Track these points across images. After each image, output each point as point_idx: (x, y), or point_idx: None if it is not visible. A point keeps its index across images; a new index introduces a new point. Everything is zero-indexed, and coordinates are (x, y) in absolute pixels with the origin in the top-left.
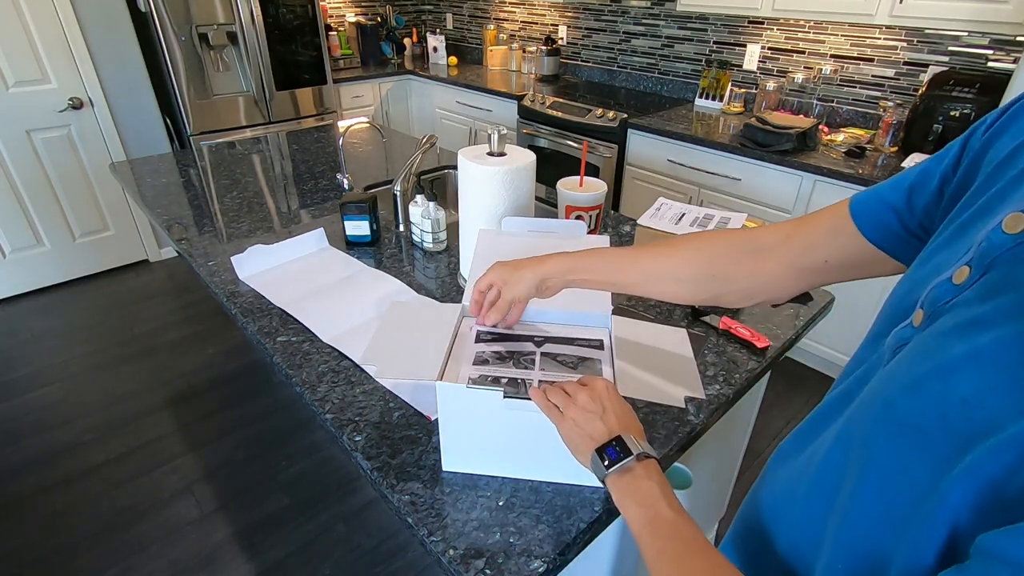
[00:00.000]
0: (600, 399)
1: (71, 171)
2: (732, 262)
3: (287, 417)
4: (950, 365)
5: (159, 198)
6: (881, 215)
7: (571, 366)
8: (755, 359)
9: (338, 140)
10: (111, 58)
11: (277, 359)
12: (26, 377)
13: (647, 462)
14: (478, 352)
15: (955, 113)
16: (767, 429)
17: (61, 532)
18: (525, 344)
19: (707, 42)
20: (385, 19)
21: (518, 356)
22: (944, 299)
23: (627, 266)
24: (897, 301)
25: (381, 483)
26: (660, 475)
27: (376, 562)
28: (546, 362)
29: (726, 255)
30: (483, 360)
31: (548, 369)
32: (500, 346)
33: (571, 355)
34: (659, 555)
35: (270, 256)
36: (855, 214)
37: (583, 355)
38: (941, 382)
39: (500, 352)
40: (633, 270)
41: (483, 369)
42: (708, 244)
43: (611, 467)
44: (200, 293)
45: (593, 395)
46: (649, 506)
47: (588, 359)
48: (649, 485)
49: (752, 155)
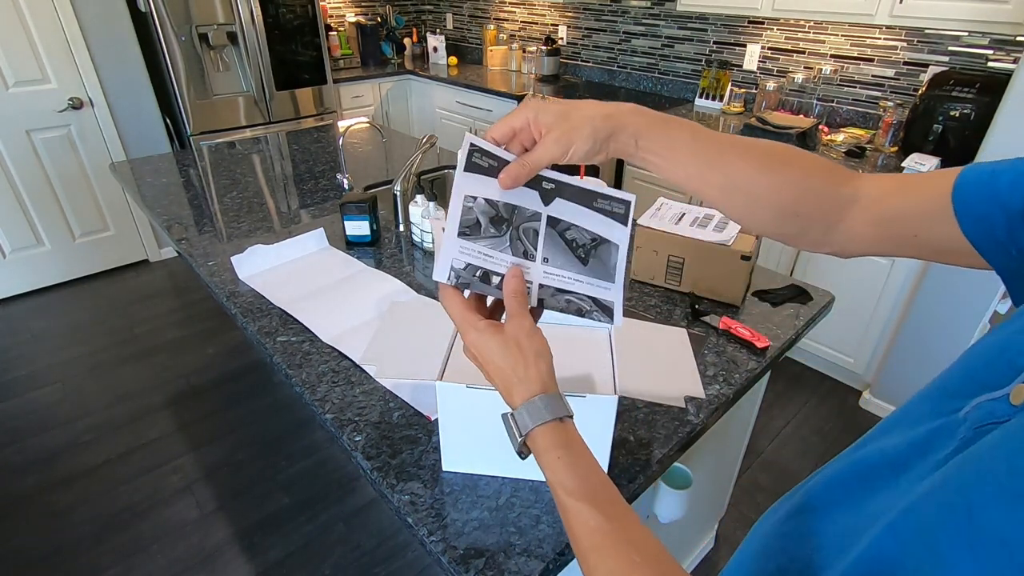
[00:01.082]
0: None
1: (71, 171)
2: (820, 205)
3: (287, 417)
4: None
5: (159, 198)
6: (988, 210)
7: (581, 256)
8: (755, 359)
9: (338, 140)
10: (111, 58)
11: (277, 359)
12: (26, 377)
13: (546, 427)
14: (466, 206)
15: (955, 113)
16: (767, 429)
17: (61, 532)
18: (530, 195)
19: (707, 42)
20: (385, 19)
21: (518, 222)
22: None
23: (713, 159)
24: (986, 358)
25: (381, 483)
26: (556, 440)
27: (376, 562)
28: (551, 243)
29: (817, 195)
30: (472, 225)
31: (552, 259)
32: (495, 191)
33: (586, 232)
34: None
35: (270, 256)
36: (957, 198)
37: (598, 233)
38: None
39: (495, 210)
40: (717, 166)
41: (469, 251)
42: (803, 174)
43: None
44: (200, 293)
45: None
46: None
47: (603, 242)
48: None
49: None
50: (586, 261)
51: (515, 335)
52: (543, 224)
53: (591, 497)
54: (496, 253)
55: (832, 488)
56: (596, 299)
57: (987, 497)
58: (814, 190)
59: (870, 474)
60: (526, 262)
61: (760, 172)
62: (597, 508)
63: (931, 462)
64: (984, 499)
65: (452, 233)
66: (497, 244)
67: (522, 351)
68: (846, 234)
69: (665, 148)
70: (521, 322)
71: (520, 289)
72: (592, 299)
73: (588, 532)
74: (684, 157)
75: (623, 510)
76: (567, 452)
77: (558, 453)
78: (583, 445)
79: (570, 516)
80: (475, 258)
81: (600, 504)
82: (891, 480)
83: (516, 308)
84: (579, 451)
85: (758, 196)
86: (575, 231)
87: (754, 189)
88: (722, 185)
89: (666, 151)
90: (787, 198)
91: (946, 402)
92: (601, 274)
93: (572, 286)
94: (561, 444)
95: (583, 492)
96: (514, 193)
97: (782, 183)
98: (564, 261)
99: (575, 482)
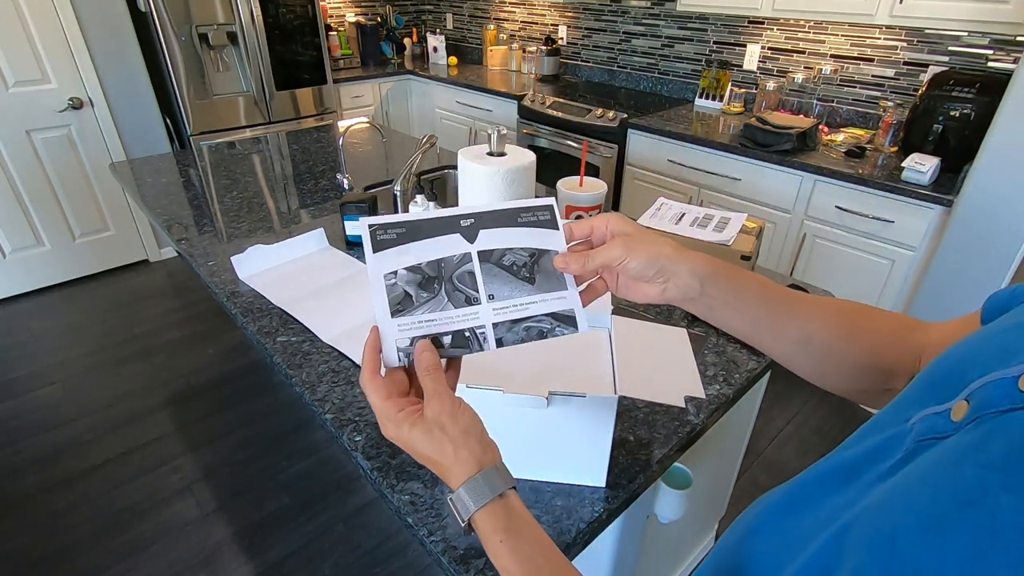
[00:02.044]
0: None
1: (71, 171)
2: (898, 355)
3: (287, 417)
4: (989, 515)
5: (159, 198)
6: (1007, 304)
7: (526, 276)
8: (755, 359)
9: (338, 140)
10: (111, 58)
11: (277, 359)
12: (26, 377)
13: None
14: (388, 284)
15: (955, 113)
16: (767, 429)
17: (61, 532)
18: (451, 241)
19: (707, 42)
20: (385, 19)
21: (448, 273)
22: (1000, 405)
23: (786, 310)
24: (948, 365)
25: (381, 483)
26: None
27: (376, 562)
28: (490, 277)
29: (893, 344)
30: (401, 299)
31: (497, 293)
32: (412, 256)
33: (521, 252)
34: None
35: (270, 256)
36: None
37: (534, 247)
38: (968, 538)
39: (420, 274)
40: (790, 318)
41: (408, 326)
42: (875, 324)
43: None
44: (200, 293)
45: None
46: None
47: (543, 252)
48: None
49: (752, 155)
50: (532, 279)
51: (437, 419)
52: (476, 262)
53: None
54: (437, 315)
55: (804, 485)
56: (554, 313)
57: (909, 525)
58: (888, 338)
59: (824, 481)
60: (471, 308)
61: (834, 325)
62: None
63: (878, 471)
64: (907, 526)
65: (385, 317)
66: (435, 305)
67: (447, 434)
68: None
69: (733, 296)
70: (440, 403)
71: (432, 363)
72: (551, 315)
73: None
74: (754, 307)
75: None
76: (508, 536)
77: (500, 537)
78: (527, 521)
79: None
80: (417, 329)
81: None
82: (843, 486)
83: (431, 386)
84: (521, 530)
85: (834, 349)
86: (510, 255)
87: (829, 341)
88: (798, 338)
89: (734, 299)
90: (864, 350)
91: (904, 410)
92: (552, 285)
93: (527, 311)
94: (502, 528)
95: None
96: (435, 247)
97: (855, 333)
98: (510, 290)
99: (518, 567)
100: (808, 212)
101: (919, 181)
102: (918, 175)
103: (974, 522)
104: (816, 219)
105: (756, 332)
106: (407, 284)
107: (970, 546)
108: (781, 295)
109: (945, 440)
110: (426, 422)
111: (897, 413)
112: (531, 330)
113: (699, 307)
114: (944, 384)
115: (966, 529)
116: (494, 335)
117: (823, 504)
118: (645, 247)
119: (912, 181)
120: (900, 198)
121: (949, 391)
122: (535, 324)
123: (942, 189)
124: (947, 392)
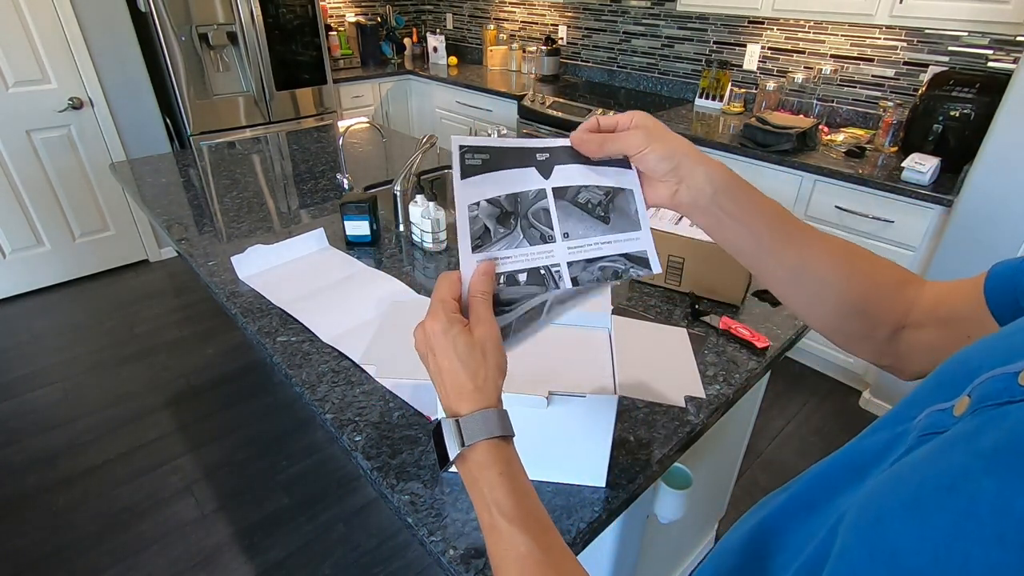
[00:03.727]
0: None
1: (71, 171)
2: (888, 305)
3: (287, 417)
4: (969, 498)
5: (159, 198)
6: (1011, 303)
7: (601, 216)
8: (755, 359)
9: (338, 140)
10: (111, 58)
11: (277, 359)
12: (26, 377)
13: (484, 445)
14: (471, 216)
15: (955, 113)
16: (767, 429)
17: (61, 532)
18: (528, 175)
19: (707, 42)
20: (385, 19)
21: (524, 209)
22: (998, 398)
23: (792, 235)
24: (953, 367)
25: (381, 483)
26: (498, 457)
27: (376, 562)
28: (565, 215)
29: (885, 293)
30: (482, 234)
31: (572, 231)
32: (494, 187)
33: (596, 189)
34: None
35: (270, 256)
36: (989, 295)
37: (609, 185)
38: (948, 518)
39: (499, 207)
40: (794, 244)
41: (485, 254)
42: (872, 268)
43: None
44: (200, 293)
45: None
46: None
47: (618, 191)
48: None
49: (752, 155)
50: (607, 219)
51: (483, 342)
52: (551, 199)
53: (525, 522)
54: (512, 251)
55: (811, 486)
56: (628, 254)
57: (894, 506)
58: (882, 287)
59: (834, 477)
60: (546, 247)
61: (834, 260)
62: (529, 534)
63: (883, 468)
64: (892, 508)
65: (467, 251)
66: (511, 241)
67: (486, 360)
68: (908, 341)
69: (743, 211)
70: (490, 329)
71: (486, 288)
72: (624, 256)
73: (516, 558)
74: (761, 225)
75: (556, 540)
76: (509, 469)
77: (500, 469)
78: (523, 467)
79: (500, 539)
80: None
81: (534, 531)
82: (850, 485)
83: (483, 312)
84: (520, 472)
85: (829, 283)
86: (586, 192)
87: (826, 275)
88: (794, 265)
89: (744, 214)
90: (856, 292)
91: (913, 407)
92: (626, 226)
93: (601, 251)
94: (504, 460)
95: (517, 515)
96: (512, 179)
97: (852, 274)
98: (585, 228)
99: (511, 503)
100: (808, 212)
101: (919, 181)
102: (918, 175)
103: (954, 504)
104: (816, 219)
105: (757, 252)
106: (487, 218)
107: (948, 526)
108: (789, 220)
109: (943, 434)
110: (472, 338)
111: (906, 411)
112: (606, 270)
113: (706, 218)
114: (951, 382)
115: (946, 510)
116: (569, 274)
117: (833, 504)
118: (664, 141)
119: (912, 181)
120: (900, 198)
121: (955, 388)
122: (610, 264)
123: (942, 189)
124: (953, 390)
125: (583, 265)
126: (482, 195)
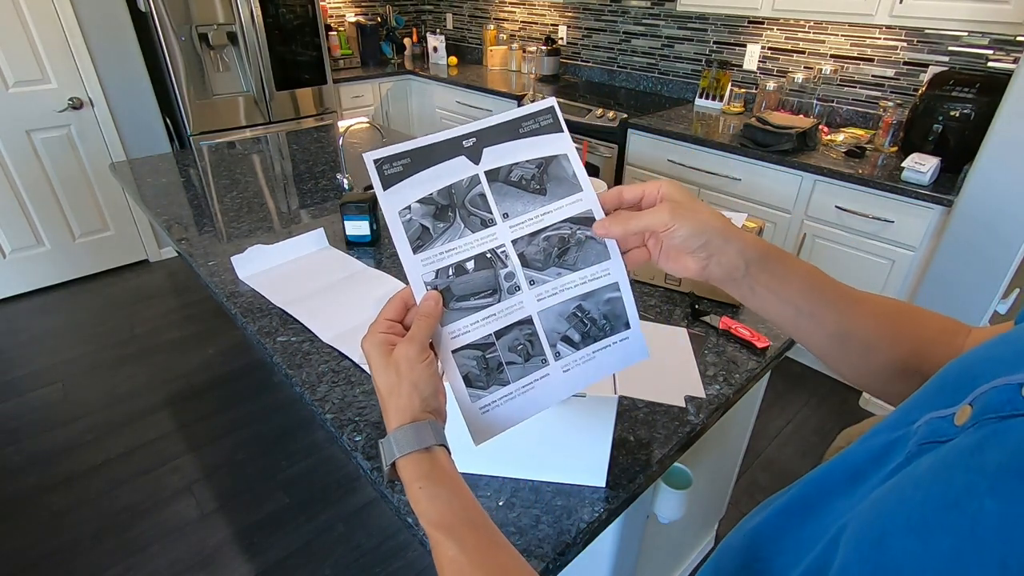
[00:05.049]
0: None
1: (71, 171)
2: (941, 362)
3: (287, 417)
4: (972, 519)
5: (159, 198)
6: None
7: (537, 188)
8: (755, 359)
9: (338, 140)
10: (111, 58)
11: (277, 359)
12: (26, 377)
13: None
14: (403, 221)
15: (955, 113)
16: (767, 429)
17: (61, 532)
18: (456, 165)
19: (707, 42)
20: (385, 19)
21: (460, 198)
22: (1001, 411)
23: (830, 301)
24: (955, 372)
25: (381, 483)
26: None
27: (376, 562)
28: (501, 196)
29: (937, 351)
30: (420, 234)
31: (511, 210)
32: (422, 187)
33: (528, 164)
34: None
35: (270, 256)
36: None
37: (540, 156)
38: (950, 539)
39: (433, 203)
40: (833, 309)
41: (430, 260)
42: (919, 326)
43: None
44: (200, 293)
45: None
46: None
47: (551, 159)
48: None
49: (752, 155)
50: (543, 190)
51: (398, 360)
52: (484, 183)
53: (448, 527)
54: (456, 243)
55: (809, 490)
56: (572, 218)
57: (898, 525)
58: (930, 343)
59: (834, 481)
60: (488, 231)
61: (877, 324)
62: (453, 538)
63: (881, 475)
64: (895, 526)
65: (407, 255)
66: (452, 234)
67: (400, 378)
68: None
69: (778, 281)
70: (410, 348)
71: (429, 311)
72: (568, 220)
73: (447, 562)
74: (797, 293)
75: (486, 538)
76: (428, 482)
77: (420, 484)
78: (450, 473)
79: (434, 546)
80: (439, 260)
81: (459, 533)
82: (849, 489)
83: (413, 330)
84: (442, 479)
85: (873, 347)
86: (518, 169)
87: (870, 338)
88: (835, 331)
89: (778, 284)
90: (903, 351)
91: (912, 412)
92: (565, 191)
93: (543, 221)
94: (423, 475)
95: (441, 522)
96: (442, 173)
97: (897, 334)
98: (523, 204)
99: (435, 512)
100: (808, 212)
101: (919, 181)
102: (918, 175)
103: (956, 524)
104: (816, 219)
105: (796, 320)
106: (422, 217)
107: (950, 548)
108: (827, 284)
109: (946, 444)
110: (391, 357)
111: (905, 415)
112: (551, 239)
113: (740, 289)
114: (953, 388)
115: (948, 530)
116: (515, 251)
117: (829, 508)
118: (694, 216)
119: (912, 181)
120: (900, 198)
121: (956, 395)
122: (554, 232)
123: (942, 189)
124: (954, 396)
125: (527, 240)
126: (411, 198)
